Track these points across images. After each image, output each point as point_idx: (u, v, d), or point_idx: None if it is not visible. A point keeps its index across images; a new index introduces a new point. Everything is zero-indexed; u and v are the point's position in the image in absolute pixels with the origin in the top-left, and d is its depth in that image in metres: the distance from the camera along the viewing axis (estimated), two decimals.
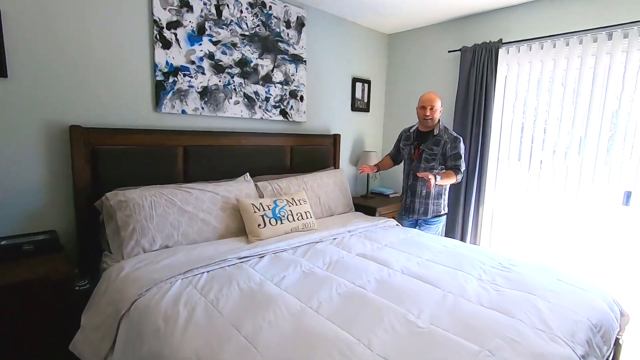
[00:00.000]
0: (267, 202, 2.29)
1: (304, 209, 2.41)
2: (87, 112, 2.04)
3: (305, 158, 3.06)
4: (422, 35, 3.47)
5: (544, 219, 2.81)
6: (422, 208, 2.60)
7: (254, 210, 2.21)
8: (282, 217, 2.27)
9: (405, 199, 2.68)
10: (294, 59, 2.92)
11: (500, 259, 2.01)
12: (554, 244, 2.77)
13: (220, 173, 2.51)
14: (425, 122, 2.50)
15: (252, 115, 2.72)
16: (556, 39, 2.59)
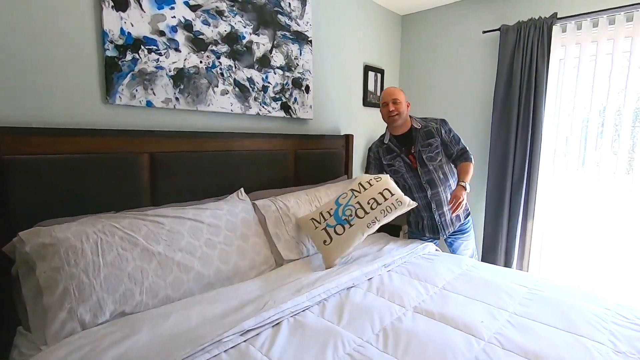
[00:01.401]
0: (328, 207, 1.80)
1: (378, 188, 1.79)
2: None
3: (313, 165, 2.39)
4: (445, 14, 2.89)
5: (614, 237, 2.26)
6: (455, 216, 2.03)
7: (315, 225, 1.76)
8: (348, 217, 1.73)
9: (431, 216, 2.06)
10: (297, 38, 2.25)
11: (615, 306, 1.41)
12: (627, 269, 2.23)
13: (203, 190, 1.80)
14: (393, 120, 1.97)
15: (245, 109, 2.03)
16: (634, 9, 2.05)
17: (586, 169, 2.31)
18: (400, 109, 1.96)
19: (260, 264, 1.66)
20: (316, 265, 1.76)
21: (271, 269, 1.69)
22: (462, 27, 2.80)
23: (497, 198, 2.56)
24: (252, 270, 1.61)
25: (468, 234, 2.09)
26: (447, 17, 2.88)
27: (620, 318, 1.33)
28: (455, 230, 2.09)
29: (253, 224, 1.72)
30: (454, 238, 2.12)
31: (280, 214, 1.86)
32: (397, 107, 1.96)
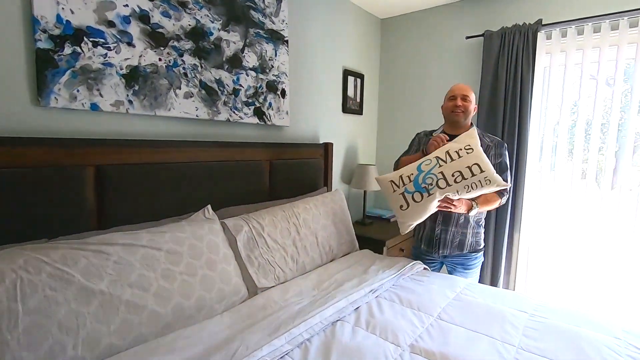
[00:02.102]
0: (409, 171, 1.66)
1: (467, 161, 1.57)
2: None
3: (290, 177, 2.18)
4: (426, 19, 2.78)
5: (603, 249, 2.19)
6: (457, 239, 1.83)
7: (394, 188, 1.67)
8: (428, 185, 1.59)
9: (433, 227, 1.87)
10: (272, 37, 2.04)
11: (624, 335, 1.29)
12: (618, 284, 2.16)
13: (163, 209, 1.54)
14: (456, 116, 1.75)
15: (213, 115, 1.79)
16: (619, 17, 2.00)
17: (573, 180, 2.24)
18: (468, 107, 1.75)
19: (230, 295, 1.42)
20: (295, 291, 1.55)
21: (243, 300, 1.46)
22: (444, 32, 2.70)
23: None
24: (220, 304, 1.37)
25: (471, 271, 1.89)
26: (429, 22, 2.77)
27: (633, 349, 1.21)
28: (458, 262, 1.89)
29: (222, 248, 1.48)
30: (454, 268, 1.92)
31: (254, 234, 1.63)
32: (466, 104, 1.75)
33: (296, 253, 1.75)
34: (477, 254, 1.87)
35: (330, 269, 1.80)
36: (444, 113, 1.83)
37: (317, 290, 1.59)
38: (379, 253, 2.32)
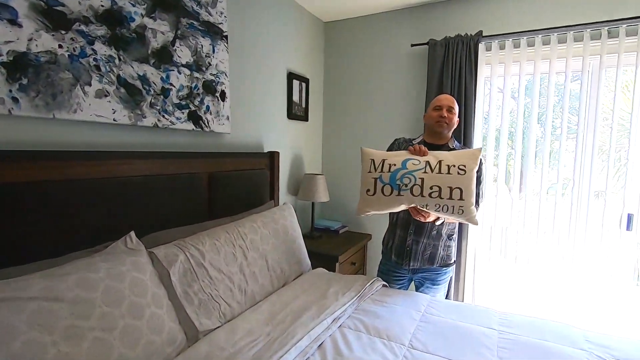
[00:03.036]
0: (393, 160, 1.55)
1: (452, 182, 1.46)
2: None
3: (232, 191, 1.91)
4: (371, 24, 2.72)
5: (540, 254, 2.30)
6: (427, 252, 1.75)
7: (370, 167, 1.58)
8: (403, 185, 1.49)
9: (404, 237, 1.77)
10: (208, 31, 1.77)
11: (588, 345, 1.29)
12: (553, 286, 2.28)
13: (67, 241, 1.18)
14: (440, 127, 1.69)
15: (137, 119, 1.46)
16: (550, 33, 2.12)
17: (515, 187, 2.32)
18: (452, 119, 1.71)
19: (163, 347, 1.12)
20: (245, 329, 1.30)
21: (180, 351, 1.16)
22: (389, 39, 2.66)
23: None
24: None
25: (440, 287, 1.83)
26: (374, 27, 2.72)
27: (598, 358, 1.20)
28: (427, 277, 1.81)
29: (150, 287, 1.16)
30: (422, 283, 1.83)
31: (192, 265, 1.33)
32: (451, 116, 1.70)
33: (244, 282, 1.50)
34: (448, 269, 1.81)
35: (283, 297, 1.58)
36: (428, 122, 1.76)
37: (270, 325, 1.35)
38: (331, 269, 2.16)
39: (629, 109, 2.02)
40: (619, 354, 1.23)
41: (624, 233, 2.08)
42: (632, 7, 1.96)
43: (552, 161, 2.29)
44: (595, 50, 2.05)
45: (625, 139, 2.05)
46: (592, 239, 2.13)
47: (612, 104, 2.03)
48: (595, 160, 2.09)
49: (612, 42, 2.01)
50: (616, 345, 1.28)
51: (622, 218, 2.07)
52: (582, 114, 2.11)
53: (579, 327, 1.44)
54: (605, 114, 2.13)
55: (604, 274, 2.17)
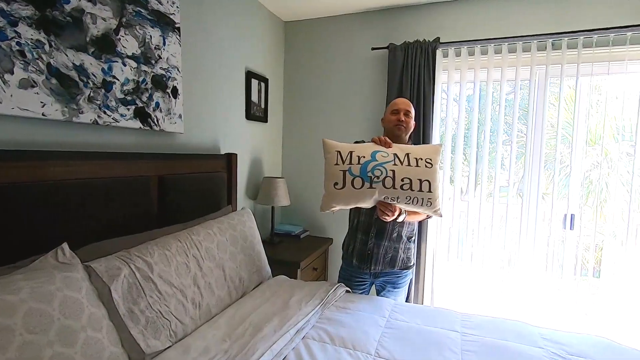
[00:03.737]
0: (362, 152, 1.50)
1: (422, 174, 1.46)
2: None
3: (185, 195, 1.76)
4: (331, 26, 2.70)
5: (494, 254, 2.39)
6: (389, 255, 1.74)
7: (337, 160, 1.49)
8: (375, 177, 1.44)
9: (366, 240, 1.74)
10: (159, 20, 1.62)
11: (544, 342, 1.33)
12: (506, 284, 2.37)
13: None
14: (398, 130, 1.71)
15: (72, 114, 1.28)
16: (501, 42, 2.23)
17: (469, 188, 2.40)
18: (409, 122, 1.74)
19: None
20: (200, 348, 1.18)
21: None
22: (350, 41, 2.65)
23: None
24: None
25: (400, 290, 1.82)
26: (334, 29, 2.69)
27: (557, 358, 1.23)
28: (388, 280, 1.79)
29: (86, 307, 1.01)
30: (384, 287, 1.82)
31: (138, 279, 1.19)
32: (407, 120, 1.73)
33: (199, 294, 1.37)
34: (408, 271, 1.81)
35: (243, 308, 1.47)
36: (386, 125, 1.77)
37: (229, 340, 1.25)
38: (293, 276, 2.08)
39: (572, 115, 2.17)
40: (570, 349, 1.28)
41: (568, 232, 2.22)
42: (573, 22, 2.11)
43: (504, 165, 2.40)
44: (541, 61, 2.18)
45: (568, 143, 2.20)
46: (539, 239, 2.26)
47: (556, 111, 2.17)
48: (542, 163, 2.21)
49: (556, 54, 2.15)
50: (567, 341, 1.34)
51: (567, 218, 2.21)
52: (529, 120, 2.23)
53: (534, 324, 1.49)
54: (551, 120, 2.27)
55: (551, 271, 2.30)
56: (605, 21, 2.04)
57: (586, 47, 2.08)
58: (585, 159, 2.21)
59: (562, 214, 2.23)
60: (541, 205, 2.25)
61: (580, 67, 2.10)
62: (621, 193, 2.15)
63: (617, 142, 2.16)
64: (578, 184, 2.21)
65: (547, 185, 2.27)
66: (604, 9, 2.06)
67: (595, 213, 2.19)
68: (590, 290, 2.30)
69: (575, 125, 2.14)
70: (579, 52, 2.08)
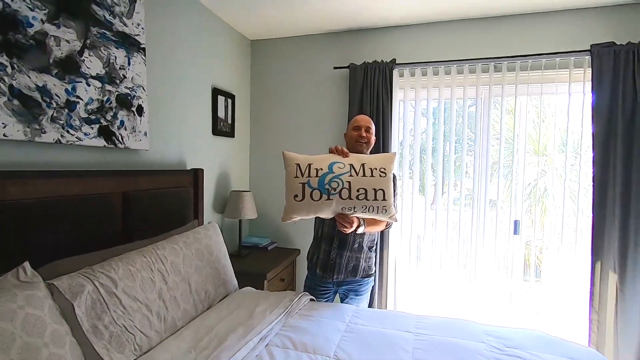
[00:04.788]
0: (320, 164, 1.58)
1: (375, 184, 1.56)
2: None
3: (151, 211, 1.79)
4: (296, 45, 2.83)
5: (450, 258, 2.56)
6: (351, 264, 1.83)
7: (297, 172, 1.57)
8: (332, 189, 1.53)
9: (329, 250, 1.83)
10: (123, 41, 1.67)
11: (486, 338, 1.47)
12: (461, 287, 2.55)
13: None
14: (360, 146, 1.83)
15: (34, 134, 1.30)
16: (450, 65, 2.44)
17: (426, 197, 2.57)
18: (370, 138, 1.85)
19: None
20: (166, 359, 1.21)
21: None
22: (313, 60, 2.79)
23: None
24: None
25: (362, 297, 1.91)
26: (299, 48, 2.82)
27: (497, 351, 1.37)
28: (351, 289, 1.88)
29: (49, 324, 1.03)
30: (347, 295, 1.91)
31: (102, 295, 1.21)
32: (369, 136, 1.84)
33: (164, 308, 1.40)
34: (369, 279, 1.90)
35: (208, 320, 1.51)
36: (348, 141, 1.88)
37: (194, 352, 1.29)
38: (260, 287, 2.14)
39: (512, 130, 2.40)
40: (508, 342, 1.43)
41: (512, 237, 2.43)
42: (512, 47, 2.35)
43: (457, 175, 2.59)
44: (485, 81, 2.40)
45: (510, 156, 2.42)
46: (489, 243, 2.45)
47: (499, 127, 2.39)
48: (489, 174, 2.42)
49: (497, 75, 2.38)
50: (507, 335, 1.49)
51: (511, 224, 2.42)
52: (477, 134, 2.44)
53: (481, 323, 1.64)
54: (496, 134, 2.49)
55: (500, 273, 2.49)
56: (538, 48, 2.30)
57: (523, 70, 2.33)
58: (525, 169, 2.44)
59: (509, 220, 2.44)
60: (490, 212, 2.45)
61: (518, 88, 2.34)
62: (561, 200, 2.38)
63: (561, 152, 2.41)
64: (522, 192, 2.43)
65: (494, 194, 2.48)
66: (537, 37, 2.32)
67: (539, 219, 2.42)
68: (535, 290, 2.51)
69: (515, 138, 2.37)
70: (517, 74, 2.33)
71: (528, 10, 2.30)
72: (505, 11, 2.33)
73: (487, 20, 2.41)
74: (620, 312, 2.14)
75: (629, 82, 2.11)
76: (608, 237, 2.18)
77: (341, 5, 2.27)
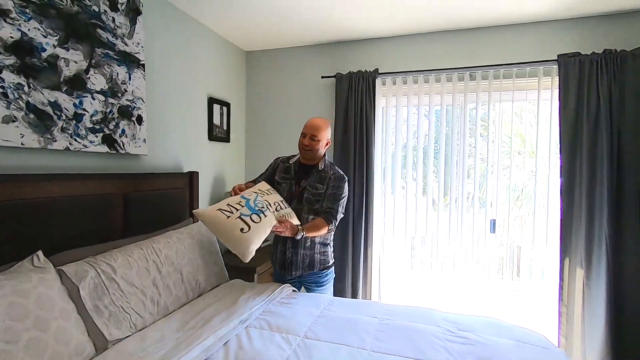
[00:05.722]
0: (235, 200, 1.77)
1: (277, 198, 1.89)
2: None
3: (149, 210, 2.00)
4: (287, 56, 3.03)
5: (428, 254, 2.72)
6: (307, 260, 1.98)
7: (227, 215, 1.68)
8: (262, 209, 1.74)
9: (284, 250, 1.99)
10: (125, 59, 1.89)
11: (443, 323, 1.64)
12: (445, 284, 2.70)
13: None
14: (304, 153, 1.97)
15: (46, 143, 1.52)
16: (428, 74, 2.61)
17: (407, 196, 2.74)
18: (315, 146, 1.92)
19: (71, 357, 1.20)
20: (156, 337, 1.41)
21: None
22: (303, 70, 2.98)
23: (343, 231, 2.73)
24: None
25: (325, 287, 2.05)
26: (289, 59, 3.02)
27: (449, 334, 1.54)
28: (312, 280, 2.03)
29: (58, 302, 1.24)
30: (310, 287, 2.06)
31: (103, 280, 1.42)
32: (313, 144, 1.91)
33: (157, 294, 1.60)
34: (327, 271, 2.04)
35: (197, 306, 1.71)
36: (298, 146, 1.98)
37: (182, 331, 1.48)
38: (251, 281, 2.32)
39: (487, 135, 2.56)
40: (461, 326, 1.59)
41: (489, 235, 2.58)
42: (485, 57, 2.51)
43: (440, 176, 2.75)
44: (461, 89, 2.57)
45: (484, 159, 2.57)
46: (466, 242, 2.60)
47: (474, 132, 2.55)
48: (466, 175, 2.58)
49: (472, 83, 2.54)
50: (462, 321, 1.65)
51: (487, 223, 2.57)
52: (454, 139, 2.60)
53: (443, 311, 1.80)
54: (471, 139, 2.65)
55: (478, 270, 2.65)
56: (510, 58, 2.45)
57: (495, 79, 2.49)
58: (500, 171, 2.59)
59: (485, 220, 2.59)
60: (468, 212, 2.60)
61: (492, 95, 2.50)
62: (532, 201, 2.53)
63: (532, 157, 2.56)
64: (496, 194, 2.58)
65: (471, 193, 2.64)
66: (509, 48, 2.48)
67: (513, 218, 2.56)
68: (511, 286, 2.66)
69: (489, 143, 2.52)
70: (490, 82, 2.49)
71: (500, 22, 2.46)
72: (479, 24, 2.49)
73: (462, 32, 2.58)
74: (587, 305, 2.27)
75: (593, 90, 2.25)
76: (575, 236, 2.32)
77: (328, 18, 2.46)
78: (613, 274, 2.23)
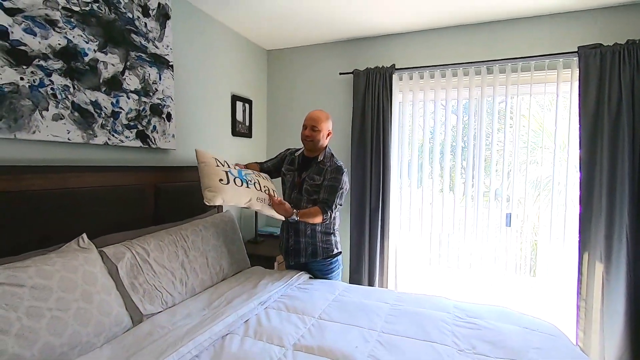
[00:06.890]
0: (232, 164, 2.02)
1: (269, 185, 2.07)
2: None
3: (177, 201, 2.16)
4: (307, 54, 3.13)
5: (444, 246, 2.76)
6: (309, 248, 2.06)
7: (217, 163, 1.90)
8: (248, 181, 1.92)
9: (287, 239, 2.11)
10: (155, 61, 2.05)
11: (453, 310, 1.70)
12: (455, 273, 2.74)
13: (27, 242, 1.40)
14: (305, 144, 2.07)
15: (88, 138, 1.70)
16: (445, 68, 2.63)
17: (424, 189, 2.78)
18: (316, 137, 1.99)
19: (111, 327, 1.36)
20: (184, 313, 1.56)
21: (126, 330, 1.41)
22: (322, 67, 3.07)
23: (359, 222, 2.81)
24: (99, 337, 1.30)
25: (331, 275, 2.12)
26: (309, 57, 3.12)
27: (458, 319, 1.60)
28: (316, 268, 2.10)
29: (100, 278, 1.41)
30: (315, 275, 2.13)
31: (138, 261, 1.58)
32: (314, 134, 1.99)
33: (185, 276, 1.76)
34: (332, 259, 2.10)
35: (220, 288, 1.85)
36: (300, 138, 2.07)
37: (207, 309, 1.63)
38: (270, 268, 2.45)
39: (505, 129, 2.56)
40: (470, 313, 1.64)
41: (505, 229, 2.59)
42: (503, 51, 2.51)
43: (463, 172, 2.78)
44: (477, 83, 2.58)
45: (501, 153, 2.57)
46: (482, 235, 2.62)
47: (491, 126, 2.56)
48: (483, 168, 2.59)
49: (489, 77, 2.55)
50: (472, 309, 1.70)
51: (503, 217, 2.58)
52: (471, 133, 2.62)
53: (454, 300, 1.86)
54: (487, 132, 2.66)
55: (495, 264, 2.66)
56: (528, 51, 2.44)
57: (513, 72, 2.48)
58: (519, 166, 2.59)
59: (501, 214, 2.60)
60: (485, 207, 2.62)
61: (510, 88, 2.50)
62: (549, 194, 2.51)
63: (550, 150, 2.54)
64: (513, 187, 2.58)
65: (488, 186, 2.65)
66: (527, 40, 2.46)
67: (532, 212, 2.56)
68: (529, 279, 2.65)
69: (505, 137, 2.52)
70: (508, 75, 2.48)
71: (518, 15, 2.45)
72: (496, 17, 2.49)
73: (479, 26, 2.58)
74: (606, 299, 2.25)
75: (615, 82, 2.21)
76: (595, 230, 2.30)
77: (346, 16, 2.53)
78: (633, 269, 2.19)
